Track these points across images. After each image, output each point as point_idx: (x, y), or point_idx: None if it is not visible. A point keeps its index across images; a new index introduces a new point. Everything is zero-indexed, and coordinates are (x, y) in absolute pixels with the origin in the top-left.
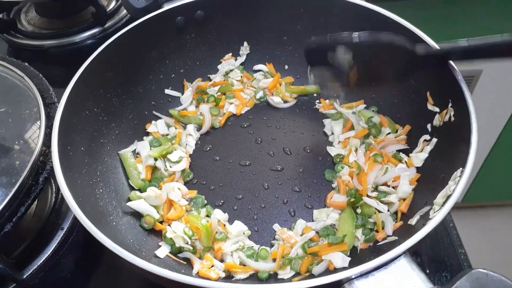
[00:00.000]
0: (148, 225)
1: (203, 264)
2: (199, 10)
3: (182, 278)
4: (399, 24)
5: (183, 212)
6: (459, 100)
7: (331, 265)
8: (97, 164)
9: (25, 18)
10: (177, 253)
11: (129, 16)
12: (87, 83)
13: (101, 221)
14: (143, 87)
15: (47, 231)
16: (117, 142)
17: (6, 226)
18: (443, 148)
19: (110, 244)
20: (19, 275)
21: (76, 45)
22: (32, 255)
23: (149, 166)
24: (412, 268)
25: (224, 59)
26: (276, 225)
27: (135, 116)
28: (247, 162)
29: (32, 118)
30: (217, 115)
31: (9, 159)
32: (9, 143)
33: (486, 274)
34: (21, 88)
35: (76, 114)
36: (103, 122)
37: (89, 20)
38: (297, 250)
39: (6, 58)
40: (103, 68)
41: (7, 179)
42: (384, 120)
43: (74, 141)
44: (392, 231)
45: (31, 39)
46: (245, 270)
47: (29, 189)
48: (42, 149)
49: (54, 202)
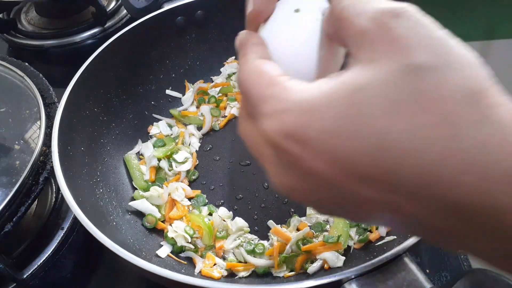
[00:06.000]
0: (149, 224)
1: (206, 263)
2: (199, 10)
3: (182, 278)
4: None
5: (185, 211)
6: None
7: (326, 264)
8: (97, 164)
9: (25, 18)
10: (179, 253)
11: (129, 16)
12: (87, 83)
13: (101, 221)
14: (143, 87)
15: (47, 231)
16: (117, 142)
17: (6, 226)
18: None
19: (110, 244)
20: (19, 275)
21: (76, 45)
22: (32, 255)
23: (153, 167)
24: (412, 268)
25: (228, 62)
26: (270, 221)
27: (135, 116)
28: (247, 162)
29: (32, 118)
30: (218, 116)
31: (9, 159)
32: (9, 143)
33: (486, 274)
34: (21, 88)
35: (76, 114)
36: (103, 122)
37: (89, 20)
38: (291, 247)
39: (6, 58)
40: (103, 68)
41: (7, 179)
42: None
43: (74, 141)
44: (386, 231)
45: (31, 39)
46: (246, 267)
47: (29, 189)
48: (42, 149)
49: (54, 202)
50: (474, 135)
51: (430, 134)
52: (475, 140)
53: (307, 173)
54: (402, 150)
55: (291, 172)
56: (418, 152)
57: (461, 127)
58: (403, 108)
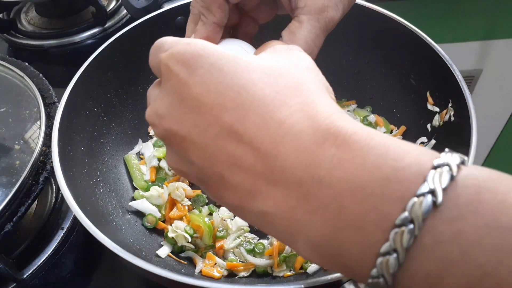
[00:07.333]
0: (150, 224)
1: (206, 263)
2: None
3: (183, 279)
4: (399, 24)
5: (185, 211)
6: (459, 100)
7: None
8: (97, 164)
9: (25, 18)
10: (179, 253)
11: (129, 16)
12: (87, 83)
13: (101, 221)
14: (143, 87)
15: (47, 231)
16: (117, 142)
17: (7, 226)
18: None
19: (110, 244)
20: (19, 275)
21: (76, 45)
22: (32, 254)
23: (153, 167)
24: None
25: None
26: None
27: (136, 116)
28: None
29: (32, 118)
30: None
31: (9, 159)
32: (9, 143)
33: None
34: (21, 88)
35: (76, 114)
36: (103, 122)
37: (89, 20)
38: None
39: (6, 58)
40: (103, 68)
41: (7, 179)
42: (380, 119)
43: (74, 141)
44: None
45: (31, 39)
46: (246, 267)
47: (29, 189)
48: (42, 149)
49: (54, 202)
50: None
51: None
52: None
53: (186, 97)
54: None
55: (171, 96)
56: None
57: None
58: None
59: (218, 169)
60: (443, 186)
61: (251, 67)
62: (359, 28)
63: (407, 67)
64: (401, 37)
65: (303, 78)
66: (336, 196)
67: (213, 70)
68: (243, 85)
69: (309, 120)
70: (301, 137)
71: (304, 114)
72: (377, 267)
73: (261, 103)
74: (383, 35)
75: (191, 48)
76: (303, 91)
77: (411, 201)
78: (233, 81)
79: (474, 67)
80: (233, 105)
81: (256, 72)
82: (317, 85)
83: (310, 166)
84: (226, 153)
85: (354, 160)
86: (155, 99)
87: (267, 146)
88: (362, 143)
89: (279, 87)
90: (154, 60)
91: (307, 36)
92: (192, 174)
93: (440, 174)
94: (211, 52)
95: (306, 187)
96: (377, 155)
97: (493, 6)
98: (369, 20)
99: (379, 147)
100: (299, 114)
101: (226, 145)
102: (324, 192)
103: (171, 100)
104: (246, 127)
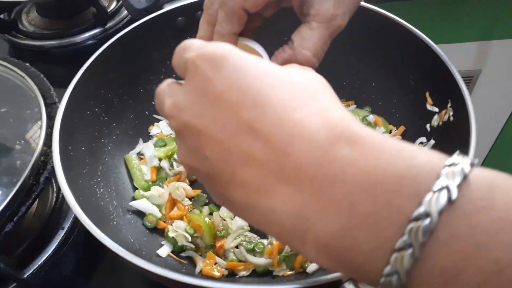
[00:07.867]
0: (150, 224)
1: (206, 263)
2: (200, 10)
3: (183, 278)
4: (398, 25)
5: (185, 211)
6: (458, 100)
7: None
8: (98, 164)
9: (26, 19)
10: (179, 252)
11: (130, 17)
12: (88, 84)
13: (101, 220)
14: (144, 87)
15: (48, 231)
16: (118, 142)
17: (7, 225)
18: (442, 148)
19: (110, 244)
20: (20, 275)
21: (77, 46)
22: (33, 254)
23: (154, 167)
24: None
25: None
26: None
27: (136, 116)
28: None
29: (33, 118)
30: None
31: (10, 159)
32: (10, 143)
33: None
34: (22, 89)
35: (77, 114)
36: (104, 122)
37: (90, 20)
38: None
39: (7, 58)
40: (104, 69)
41: (8, 179)
42: (379, 119)
43: (75, 141)
44: None
45: (32, 40)
46: (246, 266)
47: (30, 189)
48: (43, 149)
49: (55, 201)
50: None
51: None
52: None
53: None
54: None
55: (194, 92)
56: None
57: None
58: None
59: (231, 165)
60: (457, 182)
61: (272, 72)
62: (358, 29)
63: (406, 68)
64: (400, 37)
65: (317, 88)
66: (348, 193)
67: (237, 71)
68: (263, 87)
69: (324, 121)
70: (315, 135)
71: (319, 116)
72: (391, 264)
73: (279, 104)
74: (382, 36)
75: (219, 50)
76: (319, 98)
77: (427, 196)
78: (254, 83)
79: (473, 68)
80: (252, 103)
81: (276, 78)
82: (331, 95)
83: (323, 164)
84: (241, 149)
85: (368, 158)
86: (177, 93)
87: (281, 143)
88: (376, 144)
89: (296, 94)
90: (179, 59)
91: (316, 42)
92: (202, 169)
93: (453, 172)
94: (237, 56)
95: (317, 184)
96: (391, 154)
97: (491, 7)
98: (368, 20)
99: (392, 147)
100: (315, 116)
101: (242, 142)
102: (336, 189)
103: (194, 95)
104: (263, 124)
